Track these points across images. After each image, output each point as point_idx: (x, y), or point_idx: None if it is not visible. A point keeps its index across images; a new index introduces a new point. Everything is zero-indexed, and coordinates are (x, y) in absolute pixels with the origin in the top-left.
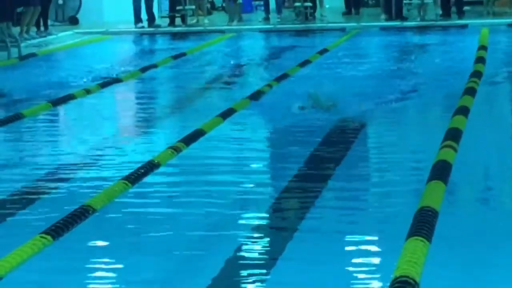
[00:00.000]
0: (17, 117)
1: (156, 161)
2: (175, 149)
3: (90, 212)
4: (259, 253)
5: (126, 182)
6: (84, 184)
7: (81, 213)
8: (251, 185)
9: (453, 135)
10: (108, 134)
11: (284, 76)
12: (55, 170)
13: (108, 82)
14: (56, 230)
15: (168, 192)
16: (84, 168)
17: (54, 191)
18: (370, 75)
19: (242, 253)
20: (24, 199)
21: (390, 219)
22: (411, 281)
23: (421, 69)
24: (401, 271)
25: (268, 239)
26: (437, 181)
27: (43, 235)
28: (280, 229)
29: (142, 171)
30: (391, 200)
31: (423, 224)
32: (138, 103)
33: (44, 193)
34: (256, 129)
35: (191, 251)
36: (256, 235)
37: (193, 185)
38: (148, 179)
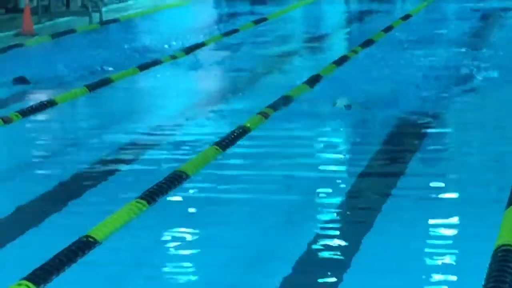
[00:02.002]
0: (105, 82)
1: (247, 126)
2: (264, 115)
3: (184, 177)
4: (336, 240)
5: (217, 147)
6: (173, 150)
7: (175, 179)
8: (326, 166)
9: None
10: (194, 99)
11: (369, 42)
12: (146, 135)
13: (192, 47)
14: (151, 195)
15: (245, 174)
16: (172, 133)
17: (143, 156)
18: (451, 41)
19: (320, 239)
20: (115, 164)
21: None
22: None
23: (505, 38)
24: (503, 239)
25: (346, 225)
26: None
27: (139, 200)
28: (358, 212)
29: (234, 136)
30: (477, 177)
31: None
32: (222, 68)
33: (132, 160)
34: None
35: (267, 235)
36: (334, 220)
37: (270, 167)
38: (228, 154)
